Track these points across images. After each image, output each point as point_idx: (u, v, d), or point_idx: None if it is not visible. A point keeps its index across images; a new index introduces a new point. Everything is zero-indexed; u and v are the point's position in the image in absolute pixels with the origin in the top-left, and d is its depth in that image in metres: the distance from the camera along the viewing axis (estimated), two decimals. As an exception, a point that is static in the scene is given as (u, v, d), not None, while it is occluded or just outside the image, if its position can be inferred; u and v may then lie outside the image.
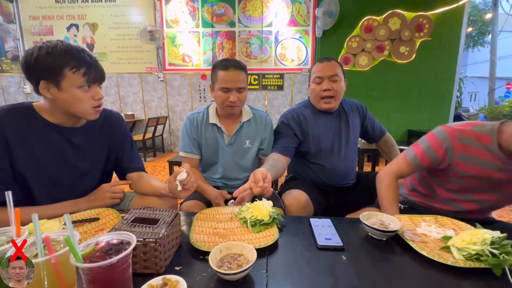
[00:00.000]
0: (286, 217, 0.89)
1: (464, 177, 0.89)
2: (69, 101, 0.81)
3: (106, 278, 0.45)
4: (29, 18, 4.63)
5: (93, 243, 0.49)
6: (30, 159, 0.83)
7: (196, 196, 1.19)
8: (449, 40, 4.10)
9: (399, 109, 4.40)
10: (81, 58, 0.80)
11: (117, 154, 1.04)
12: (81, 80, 0.80)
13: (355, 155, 1.41)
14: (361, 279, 0.58)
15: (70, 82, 0.79)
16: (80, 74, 0.80)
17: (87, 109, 0.85)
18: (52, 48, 0.77)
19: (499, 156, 0.82)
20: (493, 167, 0.84)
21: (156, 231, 0.60)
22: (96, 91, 0.85)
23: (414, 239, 0.71)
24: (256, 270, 0.60)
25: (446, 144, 0.88)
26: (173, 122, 4.91)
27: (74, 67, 0.78)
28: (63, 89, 0.79)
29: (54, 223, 0.74)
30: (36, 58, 0.76)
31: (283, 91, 4.61)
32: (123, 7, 4.53)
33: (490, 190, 0.89)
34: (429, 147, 0.92)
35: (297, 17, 4.36)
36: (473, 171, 0.87)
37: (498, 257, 0.57)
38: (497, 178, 0.85)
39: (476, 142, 0.85)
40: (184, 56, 4.61)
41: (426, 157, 0.92)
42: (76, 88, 0.80)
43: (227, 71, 1.16)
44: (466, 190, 0.92)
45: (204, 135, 1.28)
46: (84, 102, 0.83)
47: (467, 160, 0.86)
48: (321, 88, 1.25)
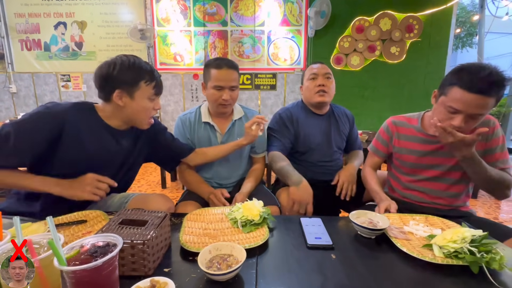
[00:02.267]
0: (277, 216, 0.89)
1: (403, 154, 1.10)
2: (137, 109, 0.93)
3: (92, 281, 0.44)
4: (14, 16, 4.49)
5: (78, 246, 0.48)
6: (78, 149, 0.89)
7: (192, 197, 1.19)
8: (438, 41, 4.19)
9: (390, 109, 4.46)
10: (153, 74, 0.94)
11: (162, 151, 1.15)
12: (151, 92, 0.94)
13: (341, 155, 1.48)
14: (350, 276, 0.59)
15: (142, 93, 0.92)
16: (151, 87, 0.93)
17: (146, 118, 0.97)
18: (133, 63, 0.90)
19: (423, 132, 1.05)
20: (419, 140, 1.06)
21: (144, 232, 0.59)
22: (157, 102, 0.99)
23: (398, 237, 0.72)
24: (245, 270, 0.60)
25: (386, 128, 1.17)
26: (165, 122, 4.85)
27: (148, 81, 0.92)
28: (135, 98, 0.92)
29: (39, 226, 0.72)
30: (119, 71, 0.88)
31: (276, 91, 4.62)
32: (112, 5, 4.44)
33: (428, 166, 1.05)
34: (379, 135, 1.21)
35: (290, 16, 4.37)
36: (408, 146, 1.09)
37: (476, 255, 0.59)
38: (428, 151, 1.04)
39: (407, 123, 1.11)
40: (176, 55, 4.56)
41: (379, 143, 1.20)
42: (146, 99, 0.93)
43: (221, 70, 1.17)
44: (414, 169, 1.08)
45: (197, 135, 1.28)
46: (148, 111, 0.96)
47: (400, 138, 1.12)
48: (316, 84, 1.32)
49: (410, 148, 1.08)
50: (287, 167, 1.21)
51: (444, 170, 1.03)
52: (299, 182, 1.12)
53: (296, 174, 1.16)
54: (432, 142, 1.02)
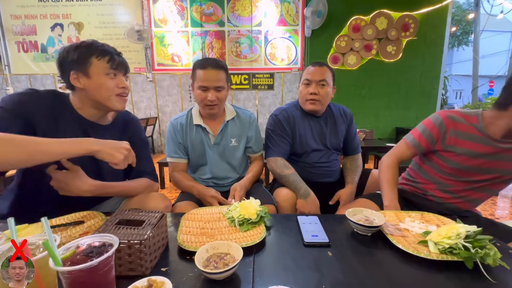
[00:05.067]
0: (274, 215, 0.90)
1: (458, 154, 0.99)
2: (96, 87, 0.88)
3: (87, 281, 0.44)
4: (10, 17, 4.47)
5: (74, 246, 0.48)
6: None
7: (189, 197, 1.19)
8: (434, 39, 4.21)
9: (387, 107, 4.48)
10: (104, 48, 0.89)
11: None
12: (105, 67, 0.88)
13: (339, 156, 1.46)
14: (346, 273, 0.59)
15: (96, 69, 0.87)
16: (104, 61, 0.88)
17: (110, 96, 0.90)
18: (81, 43, 0.88)
19: (485, 133, 0.95)
20: (480, 140, 0.95)
21: (141, 232, 0.59)
22: (120, 79, 0.93)
23: (393, 234, 0.72)
24: (242, 269, 0.60)
25: (439, 123, 1.00)
26: (163, 123, 4.85)
27: (99, 55, 0.88)
28: (91, 76, 0.87)
29: (35, 227, 0.72)
30: (69, 52, 0.86)
31: (273, 91, 4.63)
32: (109, 6, 4.44)
33: (482, 169, 0.98)
34: (425, 129, 1.04)
35: (286, 16, 4.38)
36: (464, 145, 0.97)
37: (470, 251, 0.59)
38: (485, 153, 0.95)
39: (464, 120, 0.98)
40: (173, 56, 4.56)
41: (423, 137, 1.04)
42: (103, 75, 0.88)
43: (205, 70, 1.16)
44: (461, 171, 1.00)
45: (190, 138, 1.27)
46: (109, 88, 0.90)
47: (457, 135, 0.98)
48: (308, 91, 1.28)
49: (467, 148, 0.97)
50: (293, 177, 1.23)
51: (497, 174, 0.98)
52: (307, 195, 1.16)
53: (303, 186, 1.19)
54: (493, 145, 0.94)
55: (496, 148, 0.94)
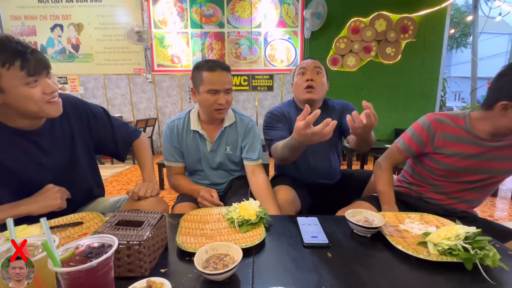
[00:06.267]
0: (273, 216, 0.90)
1: (447, 156, 1.00)
2: (19, 102, 0.71)
3: (86, 282, 0.44)
4: (10, 18, 4.48)
5: (72, 247, 0.48)
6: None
7: (188, 198, 1.18)
8: (433, 41, 4.23)
9: (386, 109, 4.49)
10: (11, 50, 0.67)
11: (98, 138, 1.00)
12: (20, 76, 0.69)
13: (338, 155, 1.41)
14: (345, 275, 0.59)
15: (9, 81, 0.68)
16: (16, 69, 0.68)
17: (41, 106, 0.74)
18: None
19: (472, 133, 0.97)
20: (468, 141, 0.97)
21: (140, 233, 0.59)
22: (45, 84, 0.74)
23: (393, 235, 0.72)
24: (242, 270, 0.60)
25: (427, 126, 1.03)
26: (163, 123, 4.85)
27: (6, 62, 0.67)
28: (5, 91, 0.69)
29: (35, 228, 0.71)
30: None
31: (273, 92, 4.64)
32: (109, 7, 4.44)
33: (473, 170, 0.99)
34: (414, 132, 1.06)
35: (286, 18, 4.40)
36: (453, 147, 0.99)
37: (469, 252, 0.59)
38: (475, 153, 0.97)
39: (452, 122, 1.00)
40: (173, 57, 4.57)
41: (413, 141, 1.06)
42: (21, 87, 0.70)
43: (214, 72, 1.10)
44: (453, 172, 1.01)
45: (186, 143, 1.23)
46: (36, 100, 0.73)
47: (446, 138, 1.00)
48: (304, 79, 1.25)
49: (456, 150, 0.99)
50: (282, 143, 1.09)
51: (489, 174, 0.99)
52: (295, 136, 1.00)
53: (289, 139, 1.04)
54: (482, 144, 0.95)
55: (484, 147, 0.95)
